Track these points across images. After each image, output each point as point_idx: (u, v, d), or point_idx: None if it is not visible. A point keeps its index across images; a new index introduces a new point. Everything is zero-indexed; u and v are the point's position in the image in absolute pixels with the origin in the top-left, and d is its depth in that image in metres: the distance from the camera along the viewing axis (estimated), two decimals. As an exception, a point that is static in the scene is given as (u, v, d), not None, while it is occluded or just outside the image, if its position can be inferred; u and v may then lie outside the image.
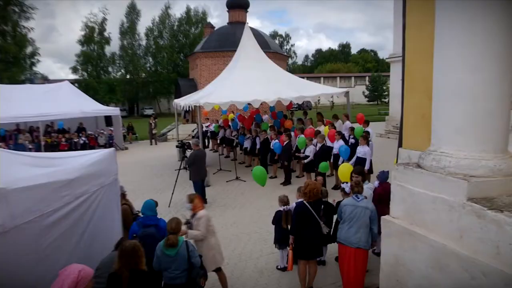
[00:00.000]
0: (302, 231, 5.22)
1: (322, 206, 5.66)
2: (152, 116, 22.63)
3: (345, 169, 7.67)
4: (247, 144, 13.75)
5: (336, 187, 10.19)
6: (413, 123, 5.20)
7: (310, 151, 10.70)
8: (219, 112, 21.69)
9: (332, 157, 10.68)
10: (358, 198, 5.20)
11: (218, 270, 5.43)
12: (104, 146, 17.78)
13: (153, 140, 21.95)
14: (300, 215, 5.24)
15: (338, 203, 5.68)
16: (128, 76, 51.04)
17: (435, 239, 3.97)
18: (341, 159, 10.23)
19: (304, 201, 5.32)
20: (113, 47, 58.39)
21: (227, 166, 14.01)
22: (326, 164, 9.57)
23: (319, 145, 10.49)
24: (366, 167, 9.56)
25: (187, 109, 12.61)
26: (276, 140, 12.07)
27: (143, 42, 51.94)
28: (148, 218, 5.08)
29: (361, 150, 9.77)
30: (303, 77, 18.99)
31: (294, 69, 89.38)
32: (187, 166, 10.30)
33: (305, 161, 10.63)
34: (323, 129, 11.68)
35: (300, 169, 12.13)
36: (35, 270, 3.66)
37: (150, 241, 4.64)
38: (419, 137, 4.99)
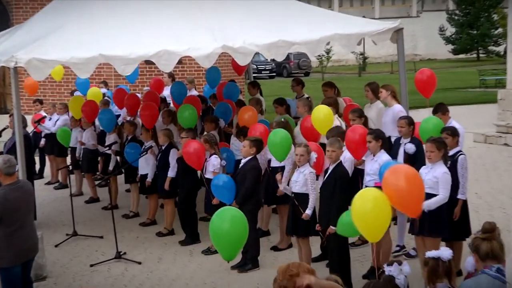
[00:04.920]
0: None
1: None
2: None
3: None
4: (144, 167, 14.13)
5: (373, 271, 10.27)
6: None
7: (303, 180, 10.75)
8: (70, 86, 21.59)
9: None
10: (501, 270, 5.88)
11: None
12: None
13: None
14: None
15: None
16: None
17: None
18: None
19: None
20: None
21: (92, 224, 14.14)
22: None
23: (330, 166, 10.67)
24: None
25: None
26: (215, 157, 12.43)
27: None
28: None
29: (430, 176, 9.88)
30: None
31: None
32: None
33: (310, 207, 10.59)
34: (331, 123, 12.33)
35: (282, 229, 12.45)
36: None
37: None
38: None
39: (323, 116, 11.90)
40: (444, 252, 6.54)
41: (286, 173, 11.76)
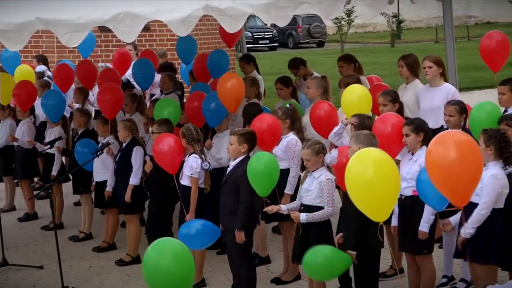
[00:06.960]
0: None
1: None
2: None
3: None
4: (101, 172, 14.18)
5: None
6: None
7: (317, 188, 10.54)
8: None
9: (400, 205, 10.62)
10: None
11: None
12: None
13: None
14: None
15: None
16: None
17: None
18: (428, 212, 10.41)
19: None
20: None
21: (29, 250, 14.50)
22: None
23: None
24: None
25: None
26: (194, 157, 12.16)
27: None
28: None
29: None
30: None
31: None
32: None
33: (313, 216, 10.38)
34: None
35: (287, 255, 12.38)
36: None
37: None
38: None
39: (357, 100, 11.63)
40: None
41: (292, 178, 11.62)
